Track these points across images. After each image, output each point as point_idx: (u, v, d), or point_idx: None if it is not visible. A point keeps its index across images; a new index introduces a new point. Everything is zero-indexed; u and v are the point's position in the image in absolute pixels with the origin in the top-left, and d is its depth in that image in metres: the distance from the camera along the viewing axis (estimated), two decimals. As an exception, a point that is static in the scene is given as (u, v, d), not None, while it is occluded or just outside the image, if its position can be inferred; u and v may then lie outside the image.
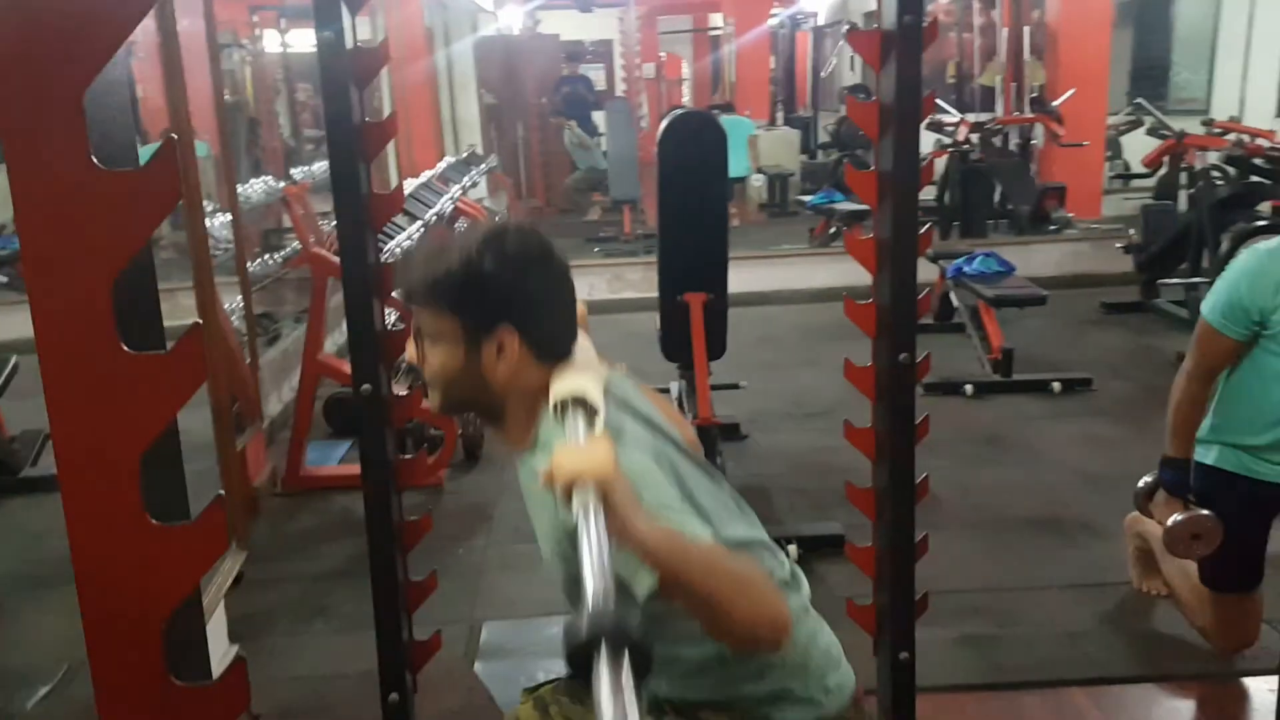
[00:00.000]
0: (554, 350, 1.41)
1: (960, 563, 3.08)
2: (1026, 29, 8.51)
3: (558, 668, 1.48)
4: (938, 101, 8.76)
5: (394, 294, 1.47)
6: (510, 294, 1.36)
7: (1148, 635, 2.74)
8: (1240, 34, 9.24)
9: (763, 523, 1.56)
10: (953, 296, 5.44)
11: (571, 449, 1.14)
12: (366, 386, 1.88)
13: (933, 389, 4.58)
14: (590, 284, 6.71)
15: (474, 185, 6.82)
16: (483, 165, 7.38)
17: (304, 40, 7.30)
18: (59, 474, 0.84)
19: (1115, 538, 3.06)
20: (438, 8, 8.93)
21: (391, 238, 4.04)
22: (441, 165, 6.14)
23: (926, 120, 2.08)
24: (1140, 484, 2.59)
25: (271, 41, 7.51)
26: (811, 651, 1.46)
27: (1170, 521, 2.44)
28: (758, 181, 9.50)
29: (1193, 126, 7.69)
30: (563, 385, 1.32)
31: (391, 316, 2.35)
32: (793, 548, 3.04)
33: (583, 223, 9.92)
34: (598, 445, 1.14)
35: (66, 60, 0.78)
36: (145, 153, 0.82)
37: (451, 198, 5.55)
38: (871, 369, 2.13)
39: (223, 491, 1.31)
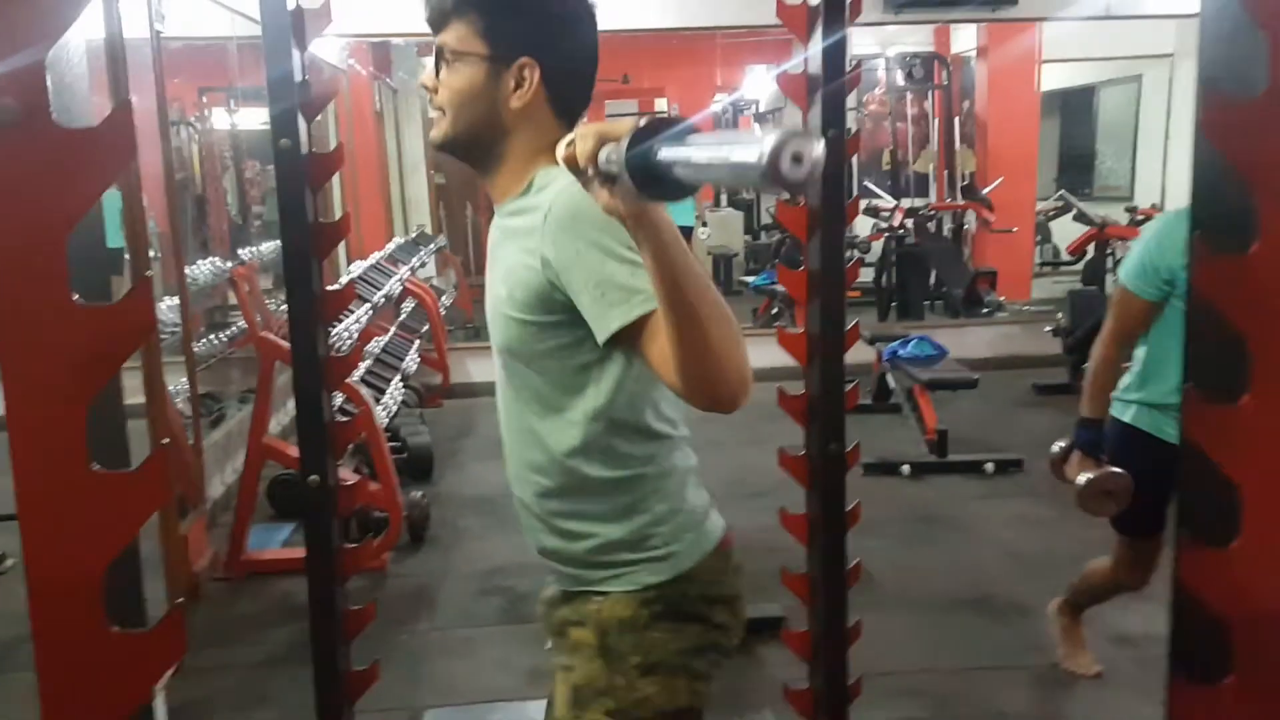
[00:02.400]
0: (570, 103, 1.37)
1: (896, 643, 3.15)
2: (957, 119, 8.90)
3: None
4: (872, 187, 9.09)
5: (424, 9, 1.38)
6: (542, 18, 1.33)
7: (1077, 716, 2.82)
8: (1159, 125, 9.74)
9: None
10: (889, 378, 5.60)
11: (594, 124, 1.04)
12: (314, 478, 1.92)
13: (871, 469, 4.69)
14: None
15: (422, 265, 6.91)
16: (431, 245, 7.47)
17: (253, 118, 7.35)
18: (28, 578, 0.88)
19: (1042, 618, 3.16)
20: (388, 92, 9.10)
21: (339, 322, 4.10)
22: (390, 246, 6.22)
23: (863, 207, 2.23)
24: (1055, 448, 2.71)
25: (220, 119, 7.58)
26: (683, 502, 1.40)
27: (1082, 479, 2.55)
28: (704, 234, 9.64)
29: (1117, 213, 8.08)
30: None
31: (339, 399, 2.38)
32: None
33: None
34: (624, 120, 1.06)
35: (52, 207, 0.85)
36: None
37: (400, 278, 5.63)
38: (804, 458, 2.23)
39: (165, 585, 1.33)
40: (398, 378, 5.15)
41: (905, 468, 4.78)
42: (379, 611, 2.03)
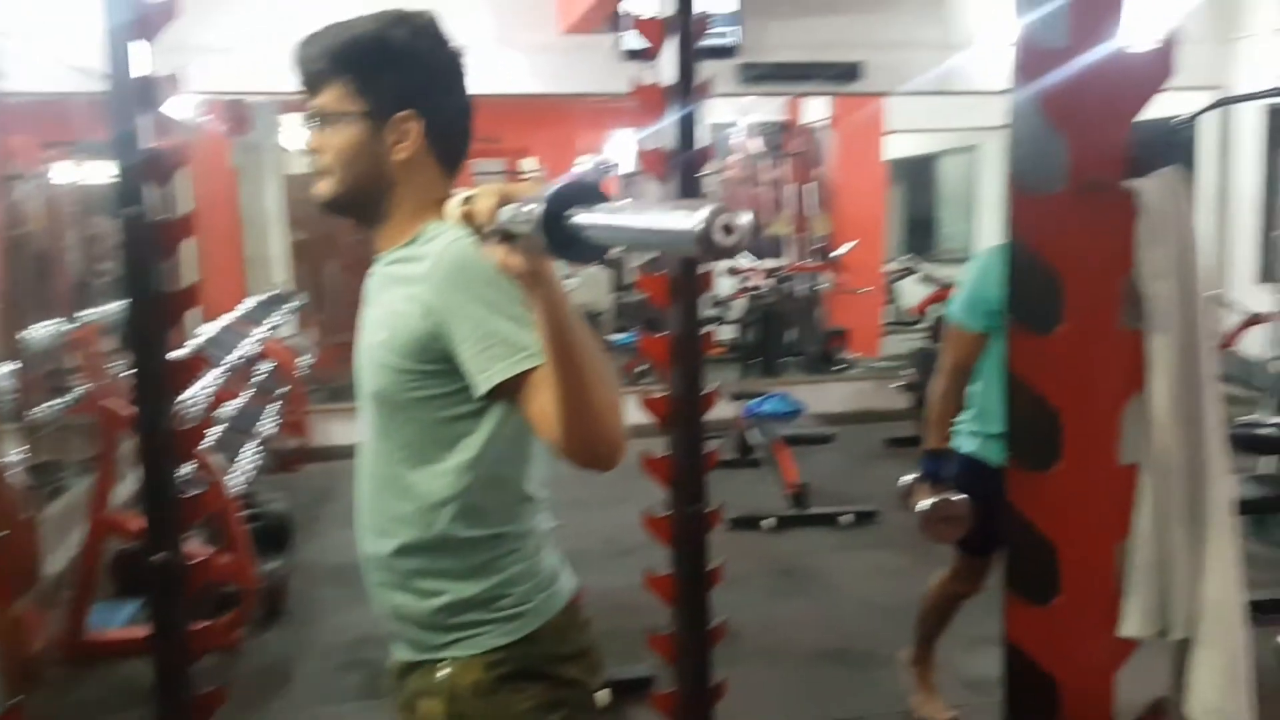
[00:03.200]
0: (453, 152, 1.39)
1: (762, 698, 3.20)
2: (811, 185, 9.29)
3: None
4: (734, 248, 9.36)
5: (296, 73, 1.38)
6: (418, 72, 1.34)
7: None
8: (994, 191, 10.41)
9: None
10: (751, 434, 5.74)
11: (496, 183, 1.08)
12: (161, 555, 1.85)
13: (735, 524, 4.78)
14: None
15: (281, 325, 6.72)
16: (290, 304, 7.28)
17: (102, 173, 7.05)
18: None
19: (897, 669, 3.28)
20: (245, 147, 8.88)
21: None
22: (245, 305, 6.04)
23: (725, 268, 2.31)
24: (901, 481, 2.83)
25: (66, 173, 7.26)
26: (538, 563, 1.41)
27: (925, 505, 2.67)
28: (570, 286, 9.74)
29: (959, 274, 8.54)
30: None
31: (188, 468, 2.29)
32: (604, 692, 3.08)
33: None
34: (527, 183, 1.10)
35: None
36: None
37: (257, 339, 5.46)
38: (667, 517, 2.27)
39: None
40: (253, 442, 4.98)
41: (767, 521, 4.89)
42: (231, 693, 1.95)
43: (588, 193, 0.85)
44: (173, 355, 1.89)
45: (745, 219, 0.58)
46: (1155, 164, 1.05)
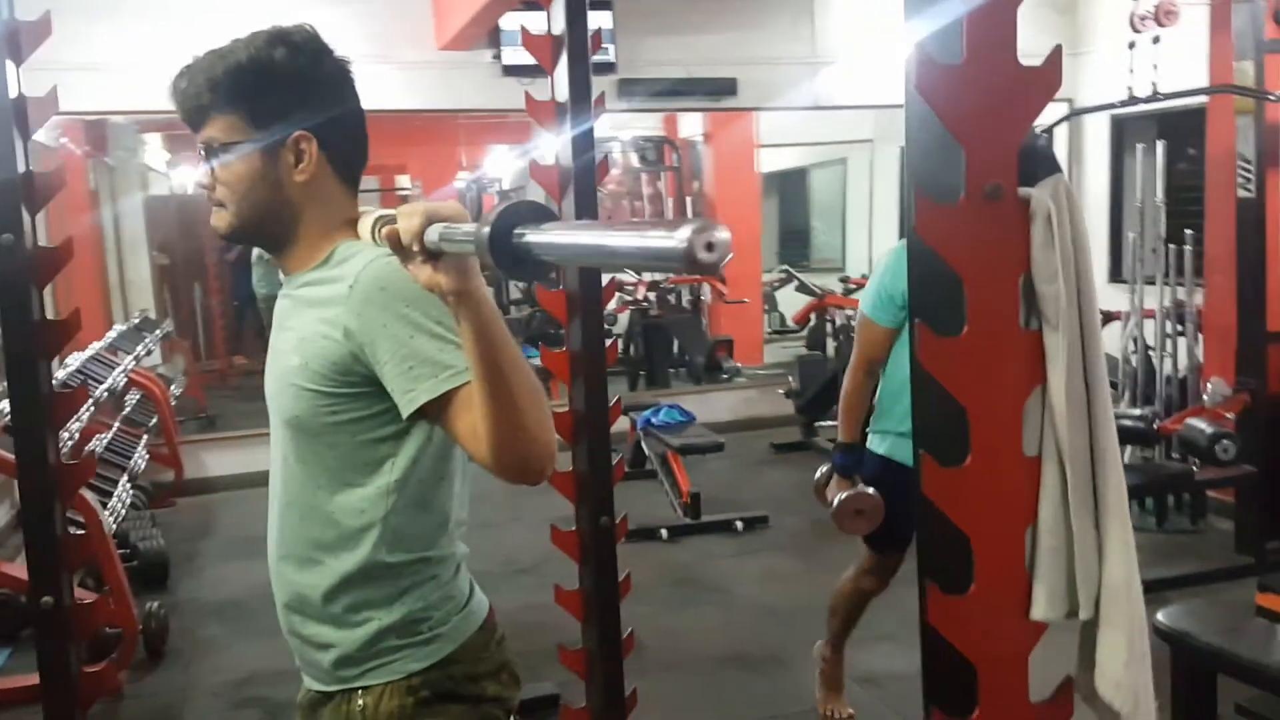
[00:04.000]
0: (351, 166, 1.36)
1: (667, 708, 3.22)
2: (689, 198, 9.45)
3: None
4: (616, 262, 9.43)
5: (178, 108, 1.32)
6: (304, 89, 1.30)
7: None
8: (864, 202, 10.78)
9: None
10: (644, 445, 5.79)
11: (420, 202, 1.05)
12: (47, 600, 1.75)
13: (632, 535, 4.79)
14: (281, 452, 6.46)
15: (148, 353, 6.43)
16: (157, 331, 6.98)
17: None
18: None
19: (798, 667, 3.38)
20: (103, 168, 8.49)
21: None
22: (111, 334, 5.76)
23: (606, 281, 2.33)
24: (817, 474, 2.83)
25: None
26: (455, 588, 1.40)
27: (836, 500, 2.68)
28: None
29: (832, 283, 8.81)
30: (384, 211, 1.23)
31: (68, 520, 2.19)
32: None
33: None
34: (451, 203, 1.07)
35: None
36: None
37: (124, 369, 5.22)
38: (575, 532, 2.27)
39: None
40: (124, 478, 4.75)
41: (663, 531, 4.93)
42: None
43: (536, 212, 0.85)
44: (56, 387, 1.80)
45: (725, 234, 0.60)
46: (1038, 173, 1.12)
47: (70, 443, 3.64)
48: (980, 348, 1.03)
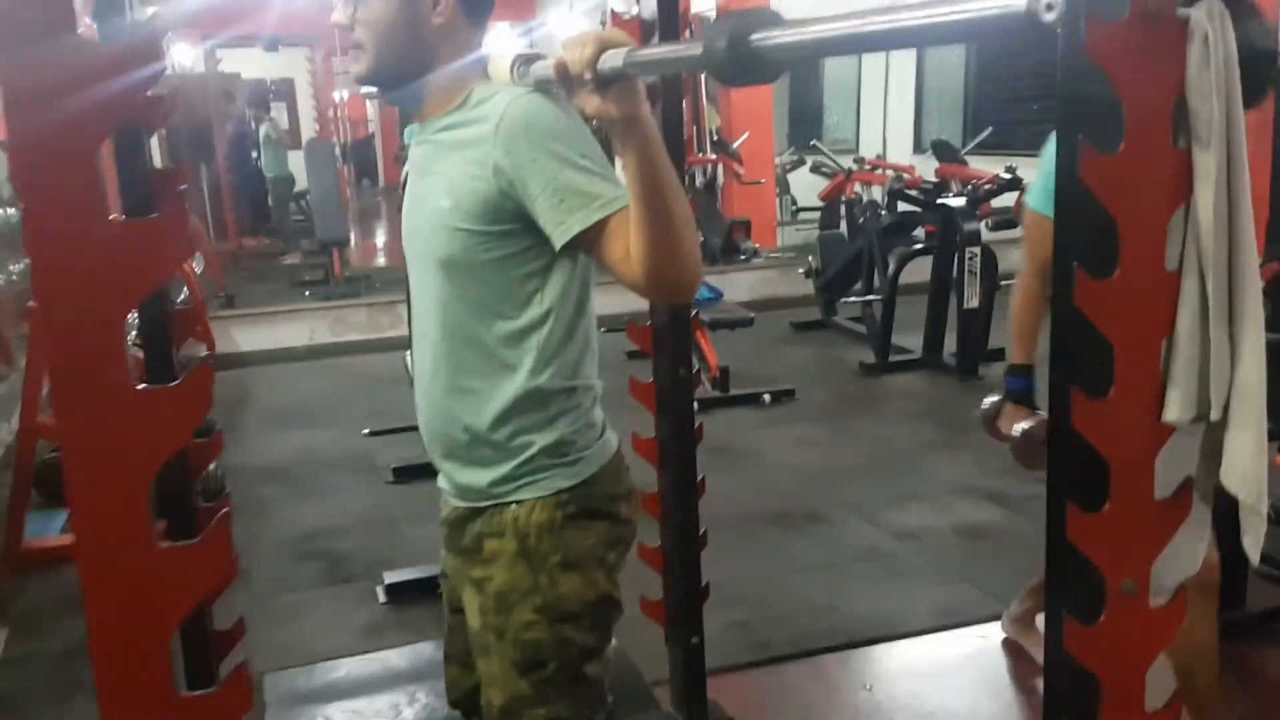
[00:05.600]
0: (483, 10, 1.40)
1: (714, 560, 3.36)
2: (703, 76, 9.30)
3: (355, 710, 1.51)
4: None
5: None
6: None
7: (880, 603, 3.15)
8: (879, 83, 10.63)
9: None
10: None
11: (585, 32, 1.12)
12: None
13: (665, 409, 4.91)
14: (311, 328, 6.54)
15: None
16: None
17: None
18: (71, 499, 0.83)
19: (832, 524, 3.57)
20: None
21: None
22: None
23: None
24: (985, 404, 2.40)
25: None
26: (595, 416, 1.48)
27: (1017, 430, 2.24)
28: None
29: (846, 163, 8.77)
30: (516, 50, 1.32)
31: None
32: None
33: (285, 266, 9.58)
34: (608, 29, 1.14)
35: (83, 115, 0.80)
36: None
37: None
38: (652, 385, 2.36)
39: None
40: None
41: (694, 404, 5.04)
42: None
43: (762, 18, 0.88)
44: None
45: None
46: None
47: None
48: (1133, 164, 1.09)
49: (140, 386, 0.82)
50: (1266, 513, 1.20)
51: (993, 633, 2.89)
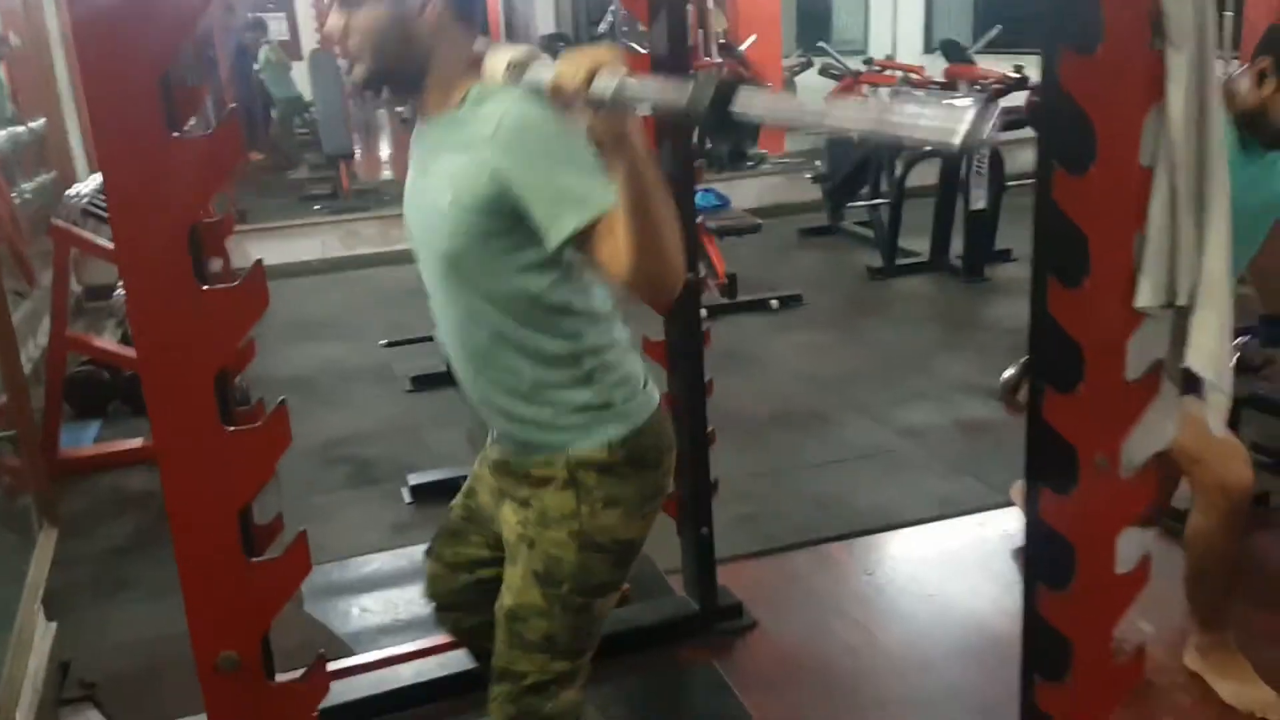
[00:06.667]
0: (474, 9, 1.44)
1: (723, 458, 3.49)
2: (708, -23, 9.13)
3: (387, 599, 1.65)
4: (636, 47, 9.23)
5: None
6: None
7: (884, 496, 3.29)
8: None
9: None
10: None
11: (580, 52, 1.18)
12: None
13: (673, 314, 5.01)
14: (323, 241, 6.61)
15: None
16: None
17: None
18: (145, 391, 0.94)
19: (838, 424, 3.71)
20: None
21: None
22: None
23: None
24: (1005, 376, 2.22)
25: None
26: (630, 368, 1.55)
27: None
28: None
29: (855, 65, 8.67)
30: (509, 52, 1.36)
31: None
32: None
33: (292, 180, 9.60)
34: (602, 48, 1.20)
35: (148, 41, 0.88)
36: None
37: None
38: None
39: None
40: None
41: (703, 311, 5.13)
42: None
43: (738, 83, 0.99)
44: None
45: (995, 111, 0.69)
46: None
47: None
48: (1111, 65, 1.16)
49: (205, 288, 0.91)
50: (1230, 390, 1.30)
51: (991, 520, 3.04)
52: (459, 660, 2.16)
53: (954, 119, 0.75)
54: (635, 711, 2.36)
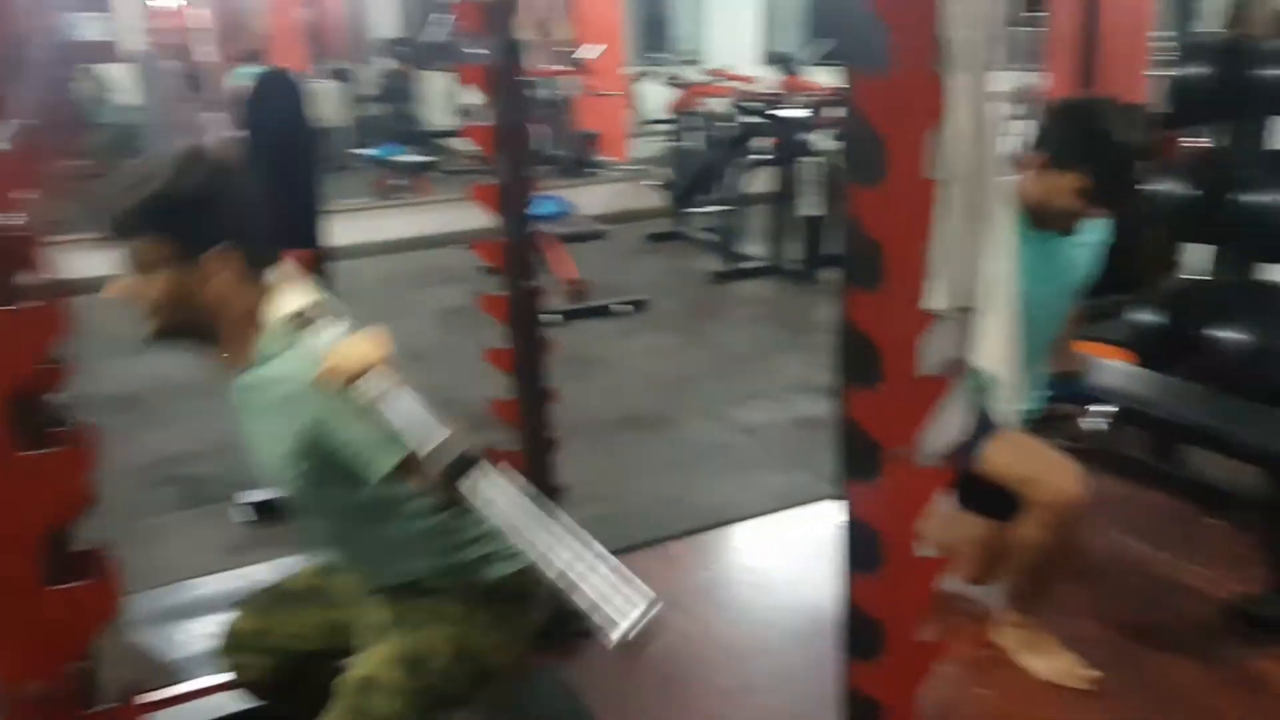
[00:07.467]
0: (264, 258, 1.47)
1: (573, 462, 3.54)
2: (550, -13, 9.18)
3: (223, 621, 1.66)
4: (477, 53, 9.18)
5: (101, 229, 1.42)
6: (227, 205, 1.41)
7: (725, 493, 3.40)
8: (724, -7, 10.69)
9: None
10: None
11: (349, 345, 1.31)
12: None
13: (514, 320, 5.02)
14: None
15: None
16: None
17: None
18: None
19: (681, 425, 3.82)
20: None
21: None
22: None
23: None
24: None
25: None
26: (484, 548, 1.67)
27: None
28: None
29: (694, 75, 8.88)
30: (296, 298, 1.44)
31: None
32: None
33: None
34: (369, 339, 1.34)
35: None
36: None
37: None
38: (502, 298, 2.47)
39: None
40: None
41: (552, 317, 5.17)
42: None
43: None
44: None
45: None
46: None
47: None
48: (900, 86, 1.26)
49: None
50: (1016, 387, 1.43)
51: (824, 511, 3.18)
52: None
53: (622, 613, 0.97)
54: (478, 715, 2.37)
